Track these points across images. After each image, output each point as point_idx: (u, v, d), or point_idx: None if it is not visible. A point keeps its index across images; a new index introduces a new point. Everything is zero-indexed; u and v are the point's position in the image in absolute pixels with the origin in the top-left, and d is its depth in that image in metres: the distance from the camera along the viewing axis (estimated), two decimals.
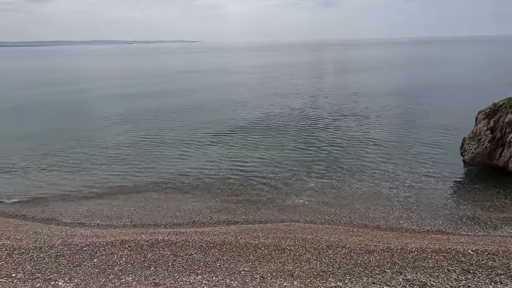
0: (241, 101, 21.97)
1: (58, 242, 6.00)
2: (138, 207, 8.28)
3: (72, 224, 7.44)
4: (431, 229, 7.09)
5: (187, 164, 10.91)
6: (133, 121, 17.27)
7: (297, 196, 8.66)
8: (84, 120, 17.92)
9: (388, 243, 5.95)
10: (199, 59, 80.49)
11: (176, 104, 21.78)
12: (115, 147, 13.06)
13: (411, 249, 5.49)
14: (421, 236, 6.55)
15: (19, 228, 6.90)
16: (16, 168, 11.06)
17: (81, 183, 9.79)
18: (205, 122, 16.54)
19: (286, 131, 14.48)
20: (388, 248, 5.60)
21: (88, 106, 22.93)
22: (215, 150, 12.27)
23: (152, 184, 9.54)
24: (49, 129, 15.95)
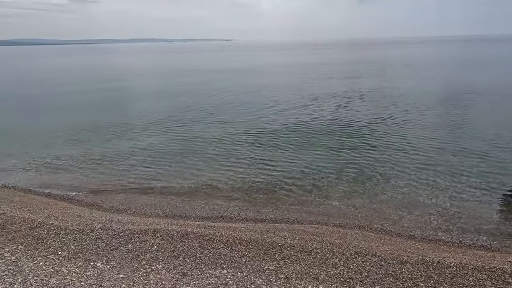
0: (273, 100, 21.92)
1: (98, 226, 6.48)
2: (170, 199, 8.64)
3: (111, 210, 7.98)
4: (473, 244, 6.54)
5: (218, 161, 11.14)
6: (169, 117, 18.01)
7: (326, 198, 8.46)
8: (124, 115, 19.04)
9: (423, 255, 5.59)
10: (233, 57, 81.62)
11: (210, 101, 22.31)
12: (152, 141, 13.73)
13: (449, 264, 5.11)
14: (461, 251, 6.06)
15: (66, 211, 7.55)
16: (63, 157, 12.09)
17: (121, 172, 10.44)
18: (237, 120, 16.76)
19: (318, 132, 14.18)
20: (423, 261, 5.27)
21: (129, 101, 24.32)
22: (245, 148, 12.39)
23: (183, 177, 9.89)
24: (92, 122, 17.21)
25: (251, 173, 10.00)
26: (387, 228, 7.16)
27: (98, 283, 4.51)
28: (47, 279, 4.62)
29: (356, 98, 21.71)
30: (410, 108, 18.10)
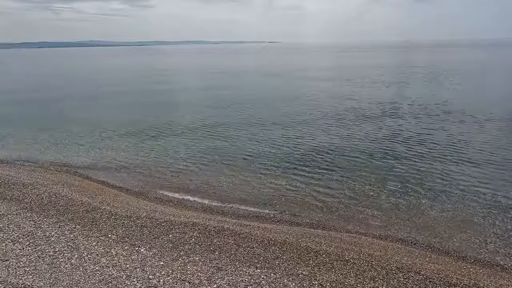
0: (318, 103, 21.51)
1: (143, 214, 6.96)
2: (209, 195, 8.95)
3: (155, 201, 8.52)
4: None
5: (256, 162, 11.25)
6: (212, 112, 18.66)
7: (367, 207, 8.07)
8: (167, 110, 20.18)
9: (477, 279, 5.05)
10: (277, 59, 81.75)
11: (253, 101, 22.61)
12: (197, 141, 14.35)
13: None
14: None
15: (116, 198, 8.24)
16: (117, 150, 13.20)
17: (166, 167, 11.07)
18: (279, 122, 16.77)
19: (363, 138, 13.57)
20: (476, 285, 4.76)
21: (178, 97, 25.69)
22: (285, 151, 12.33)
23: (223, 176, 10.17)
24: (144, 116, 18.52)
25: (289, 176, 9.93)
26: (434, 245, 6.61)
27: (141, 267, 4.84)
28: (98, 258, 5.09)
29: (409, 104, 20.37)
30: (472, 119, 16.38)
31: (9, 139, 14.82)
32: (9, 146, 13.79)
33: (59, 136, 15.02)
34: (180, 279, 4.53)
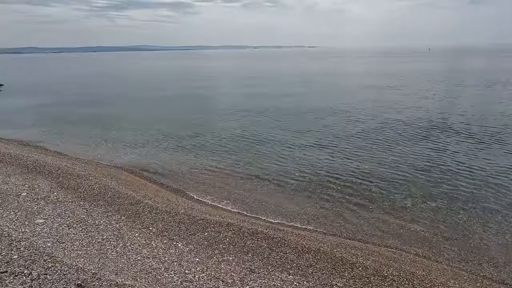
0: (359, 109, 20.80)
1: (181, 211, 7.27)
2: (243, 197, 9.07)
3: (193, 198, 8.85)
4: None
5: (293, 166, 11.17)
6: (252, 117, 18.95)
7: (409, 222, 7.58)
8: (209, 112, 20.87)
9: None
10: (316, 64, 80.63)
11: (290, 108, 22.54)
12: (236, 139, 14.66)
13: None
14: None
15: (157, 193, 8.72)
16: (161, 148, 13.96)
17: (205, 166, 11.46)
18: (317, 128, 16.50)
19: (408, 150, 12.79)
20: None
21: (215, 100, 26.54)
22: (323, 157, 12.08)
23: (258, 178, 10.24)
24: (186, 118, 19.40)
25: (325, 183, 9.70)
26: (487, 270, 5.99)
27: (178, 261, 5.06)
28: (140, 248, 5.42)
29: (462, 118, 18.86)
30: None
31: (67, 134, 16.43)
32: (67, 141, 15.28)
33: (109, 133, 16.31)
34: (214, 276, 4.65)
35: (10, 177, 8.66)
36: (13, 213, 6.35)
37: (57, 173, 9.33)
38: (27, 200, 7.15)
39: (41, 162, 10.38)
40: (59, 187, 8.29)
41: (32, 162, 10.35)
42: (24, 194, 7.53)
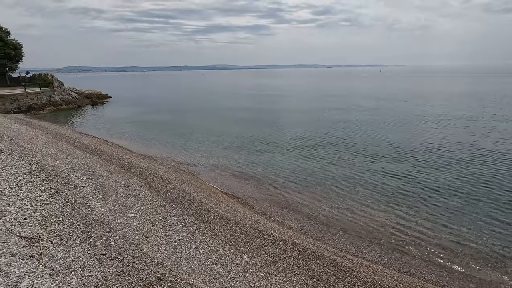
0: (442, 134, 18.45)
1: (248, 223, 7.48)
2: (311, 217, 8.82)
3: (259, 213, 9.03)
4: None
5: (367, 193, 10.44)
6: (325, 137, 18.60)
7: (505, 273, 6.24)
8: (280, 129, 21.20)
9: None
10: (392, 83, 74.83)
11: (366, 129, 21.38)
12: (306, 158, 14.55)
13: None
14: None
15: (227, 203, 9.18)
16: (233, 161, 14.72)
17: (273, 182, 11.63)
18: (397, 156, 15.19)
19: (482, 175, 10.74)
20: None
21: (286, 117, 26.87)
22: (403, 187, 11.00)
23: (326, 200, 9.87)
24: (256, 132, 20.12)
25: (403, 213, 8.77)
26: None
27: (244, 272, 5.19)
28: (209, 254, 5.76)
29: None
30: None
31: (155, 141, 18.78)
32: (155, 146, 17.46)
33: (189, 142, 18.04)
34: None
35: (112, 174, 10.30)
36: (112, 205, 7.50)
37: (146, 175, 10.70)
38: (122, 196, 8.37)
39: (134, 164, 12.07)
40: (146, 187, 9.48)
41: (128, 163, 12.11)
42: (121, 190, 8.84)
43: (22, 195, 7.36)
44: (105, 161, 12.22)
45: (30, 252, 4.72)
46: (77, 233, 5.66)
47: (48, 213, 6.43)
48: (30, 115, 26.99)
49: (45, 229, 5.66)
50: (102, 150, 14.26)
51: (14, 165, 9.93)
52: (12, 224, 5.66)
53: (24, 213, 6.30)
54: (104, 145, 16.12)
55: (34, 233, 5.44)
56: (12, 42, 36.18)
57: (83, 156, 12.51)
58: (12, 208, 6.47)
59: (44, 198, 7.27)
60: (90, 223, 6.15)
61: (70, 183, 8.59)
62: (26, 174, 9.03)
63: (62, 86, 36.05)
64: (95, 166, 11.02)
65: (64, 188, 8.08)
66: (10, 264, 4.18)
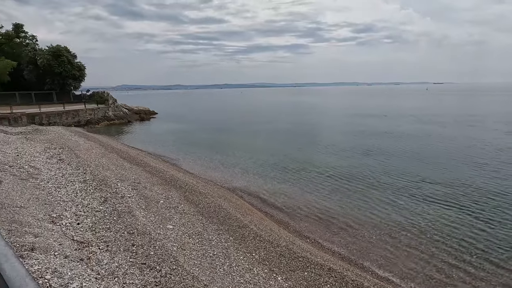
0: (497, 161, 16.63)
1: (283, 243, 7.33)
2: (348, 241, 8.38)
3: (294, 233, 8.80)
4: None
5: (409, 218, 9.70)
6: (362, 156, 17.87)
7: None
8: (317, 147, 20.80)
9: None
10: (446, 102, 69.77)
11: (410, 150, 20.13)
12: (343, 178, 14.05)
13: None
14: None
15: (262, 221, 9.12)
16: (266, 177, 14.69)
17: (309, 202, 11.36)
18: (445, 179, 14.02)
19: None
20: None
21: (324, 135, 26.35)
22: (452, 214, 10.05)
23: (366, 223, 9.33)
24: (292, 150, 19.97)
25: (454, 245, 7.93)
26: None
27: None
28: (243, 272, 5.72)
29: None
30: None
31: (195, 155, 19.53)
32: (194, 161, 18.15)
33: (227, 158, 18.49)
34: None
35: (154, 186, 10.89)
36: (153, 216, 7.89)
37: (185, 188, 11.13)
38: (163, 207, 8.77)
39: (175, 177, 12.64)
40: (185, 200, 9.83)
41: (170, 176, 12.73)
42: (162, 201, 9.28)
43: (77, 201, 8.08)
44: (149, 173, 12.98)
45: (80, 255, 5.12)
46: (122, 240, 6.02)
47: (98, 220, 6.95)
48: (87, 129, 29.93)
49: (94, 235, 6.12)
50: (146, 162, 15.21)
51: (72, 174, 11.00)
52: (67, 228, 6.21)
53: (77, 218, 6.89)
54: (149, 158, 17.18)
55: (85, 238, 5.90)
56: (77, 64, 40.99)
57: (130, 168, 13.44)
58: (68, 213, 7.12)
59: (95, 205, 7.90)
60: (133, 232, 6.51)
61: (117, 192, 9.24)
62: (81, 182, 9.93)
63: (115, 103, 39.64)
64: (140, 178, 11.76)
65: (112, 197, 8.71)
66: (63, 265, 4.56)
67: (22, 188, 8.27)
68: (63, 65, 38.64)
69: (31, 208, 6.81)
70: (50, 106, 32.92)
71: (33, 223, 5.92)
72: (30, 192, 8.10)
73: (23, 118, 26.56)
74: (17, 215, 6.15)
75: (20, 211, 6.45)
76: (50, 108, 31.21)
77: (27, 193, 7.98)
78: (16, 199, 7.20)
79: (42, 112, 28.58)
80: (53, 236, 5.59)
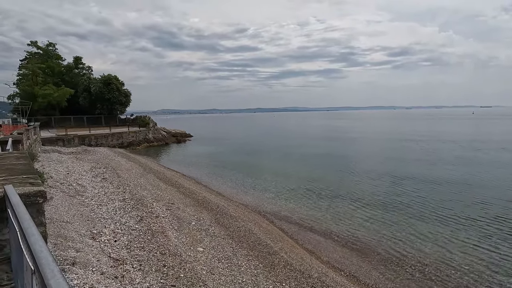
0: None
1: (315, 274, 6.95)
2: (388, 279, 7.72)
3: (327, 264, 8.32)
4: None
5: (453, 256, 8.75)
6: (398, 183, 16.83)
7: None
8: (351, 173, 19.99)
9: None
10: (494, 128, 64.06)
11: (450, 179, 18.57)
12: (379, 206, 13.28)
13: None
14: None
15: (292, 249, 8.79)
16: (299, 203, 14.33)
17: (341, 230, 10.80)
18: (488, 214, 12.64)
19: None
20: None
21: (358, 160, 25.32)
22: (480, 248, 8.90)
23: (400, 257, 8.57)
24: (326, 175, 19.41)
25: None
26: None
27: None
28: None
29: None
30: None
31: (227, 178, 19.76)
32: (226, 183, 18.34)
33: (258, 181, 18.46)
34: None
35: (187, 207, 11.14)
36: (184, 238, 8.00)
37: (216, 210, 11.22)
38: (194, 229, 8.88)
39: (207, 199, 12.84)
40: (216, 222, 9.88)
41: (202, 198, 12.97)
42: (193, 223, 9.42)
43: (116, 219, 8.50)
44: (183, 194, 13.36)
45: (115, 273, 5.30)
46: (154, 260, 6.15)
47: (133, 238, 7.21)
48: (129, 150, 32.00)
49: (129, 253, 6.33)
50: (181, 183, 15.71)
51: (113, 192, 11.69)
52: (106, 245, 6.51)
53: (115, 235, 7.21)
54: (183, 179, 17.75)
55: (120, 256, 6.13)
56: (124, 91, 44.89)
57: (165, 188, 13.96)
58: (107, 230, 7.50)
59: (131, 224, 8.25)
60: (165, 252, 6.64)
61: (153, 212, 9.59)
62: (121, 201, 10.48)
63: (155, 126, 42.21)
64: (174, 198, 12.12)
65: (148, 217, 9.04)
66: (99, 281, 4.75)
67: (69, 204, 8.94)
68: (112, 92, 42.52)
69: (75, 224, 7.30)
70: (98, 128, 36.03)
71: (76, 238, 6.32)
72: (76, 208, 8.72)
73: (75, 140, 29.24)
74: (63, 229, 6.62)
75: (66, 226, 6.94)
76: (98, 130, 34.12)
77: (73, 209, 8.60)
78: (63, 215, 7.77)
79: (91, 134, 31.29)
80: (93, 252, 5.89)
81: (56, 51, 48.48)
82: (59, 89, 41.66)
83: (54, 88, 41.48)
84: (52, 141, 26.99)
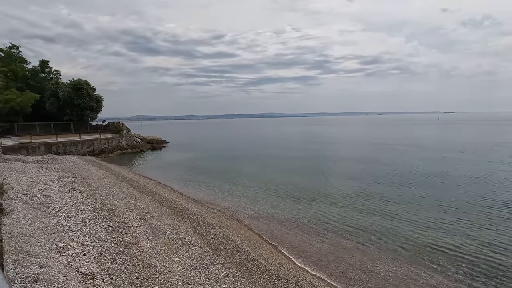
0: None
1: (293, 279, 6.97)
2: (365, 280, 7.91)
3: (305, 269, 8.39)
4: None
5: (433, 257, 9.16)
6: (377, 186, 17.43)
7: None
8: (328, 177, 20.45)
9: None
10: (460, 131, 68.65)
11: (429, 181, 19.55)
12: (356, 210, 13.62)
13: None
14: None
15: (271, 254, 8.78)
16: (276, 207, 14.37)
17: (320, 235, 10.95)
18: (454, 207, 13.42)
19: None
20: None
21: (334, 165, 26.01)
22: (468, 247, 9.47)
23: (379, 260, 8.84)
24: (304, 180, 19.68)
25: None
26: None
27: None
28: None
29: None
30: None
31: (204, 185, 19.46)
32: (203, 190, 18.05)
33: (236, 187, 18.33)
34: None
35: (162, 216, 10.80)
36: (159, 247, 7.73)
37: (193, 218, 10.98)
38: (170, 238, 8.62)
39: (183, 207, 12.54)
40: (192, 231, 9.65)
41: (178, 206, 12.64)
42: (169, 232, 9.13)
43: (85, 231, 8.05)
44: (158, 202, 12.95)
45: None
46: (126, 273, 5.87)
47: (104, 250, 6.86)
48: (101, 157, 30.60)
49: (99, 267, 6.00)
50: (156, 192, 15.23)
51: (82, 203, 11.08)
52: (73, 259, 6.13)
53: (84, 249, 6.82)
54: (158, 187, 17.23)
55: (90, 270, 5.79)
56: (95, 96, 43.04)
57: (140, 197, 13.46)
58: (75, 243, 7.08)
59: (102, 235, 7.85)
60: (139, 264, 6.36)
61: (125, 222, 9.19)
62: (91, 212, 9.96)
63: (129, 133, 40.79)
64: (149, 207, 11.72)
65: (120, 227, 8.65)
66: None
67: (33, 217, 8.35)
68: (82, 97, 40.61)
69: (39, 238, 6.81)
70: (67, 135, 34.18)
71: (40, 253, 5.89)
72: (40, 221, 8.15)
73: (41, 148, 27.50)
74: (25, 244, 6.15)
75: (29, 240, 6.46)
76: (67, 137, 32.36)
77: (37, 221, 8.03)
78: (26, 228, 7.24)
79: (59, 142, 29.59)
80: (59, 267, 5.52)
81: (20, 54, 45.67)
82: (23, 94, 39.15)
83: (18, 93, 38.92)
84: (14, 150, 25.20)
